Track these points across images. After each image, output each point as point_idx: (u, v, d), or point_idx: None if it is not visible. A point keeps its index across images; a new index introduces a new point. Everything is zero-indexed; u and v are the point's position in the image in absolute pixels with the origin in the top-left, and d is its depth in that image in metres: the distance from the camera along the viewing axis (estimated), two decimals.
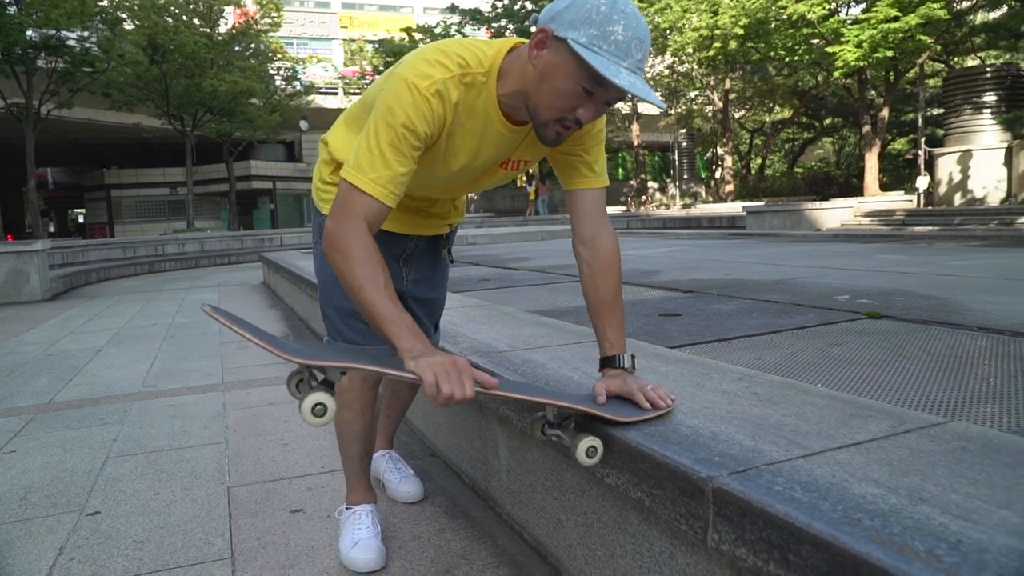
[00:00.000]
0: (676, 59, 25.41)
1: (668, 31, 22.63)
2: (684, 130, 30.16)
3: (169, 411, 3.20)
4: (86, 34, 19.12)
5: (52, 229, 36.69)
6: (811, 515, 0.87)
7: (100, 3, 19.40)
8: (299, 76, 30.67)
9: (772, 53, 20.97)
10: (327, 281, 1.66)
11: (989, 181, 13.91)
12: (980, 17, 18.66)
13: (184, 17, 23.74)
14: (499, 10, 29.32)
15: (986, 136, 14.20)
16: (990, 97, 14.33)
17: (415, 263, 1.75)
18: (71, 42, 18.74)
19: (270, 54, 28.19)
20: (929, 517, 0.85)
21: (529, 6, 28.45)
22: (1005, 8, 15.64)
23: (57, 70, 18.89)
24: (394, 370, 1.18)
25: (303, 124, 31.61)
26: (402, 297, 1.64)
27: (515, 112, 1.34)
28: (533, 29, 1.27)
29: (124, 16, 21.39)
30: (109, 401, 3.43)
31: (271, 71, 28.96)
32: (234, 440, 2.73)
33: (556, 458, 1.55)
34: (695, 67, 24.99)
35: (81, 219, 39.29)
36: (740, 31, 19.49)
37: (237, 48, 26.60)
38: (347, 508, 1.80)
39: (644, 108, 30.58)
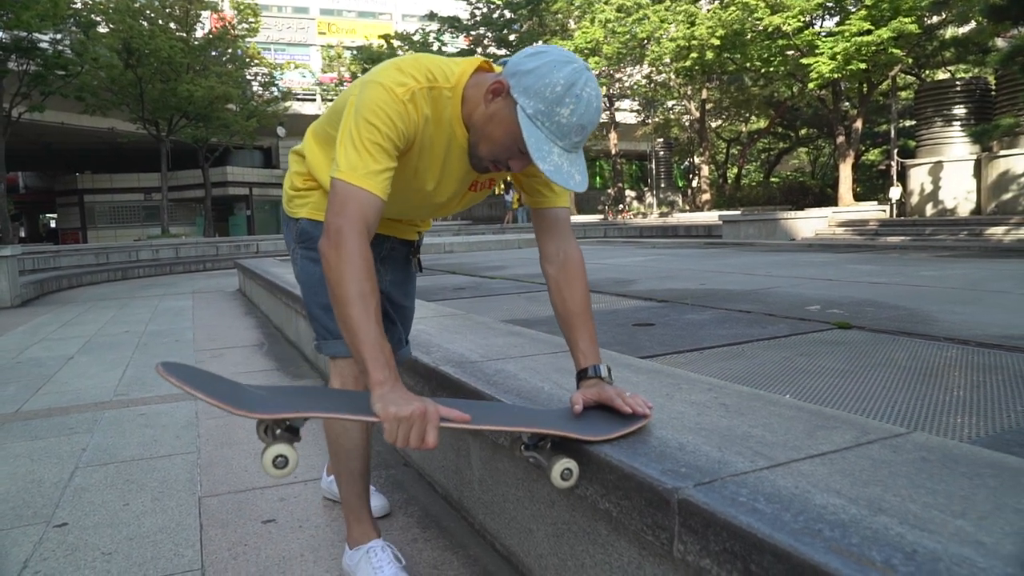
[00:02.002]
0: (654, 69, 25.64)
1: (646, 41, 22.86)
2: (661, 139, 30.39)
3: (141, 420, 3.16)
4: (59, 37, 18.88)
5: (23, 234, 35.98)
6: (773, 526, 0.88)
7: (73, 5, 19.17)
8: (276, 82, 30.48)
9: (748, 64, 21.28)
10: (309, 282, 1.65)
11: (959, 192, 14.17)
12: (950, 32, 19.04)
13: (160, 21, 23.52)
14: (477, 18, 29.41)
15: (956, 148, 14.47)
16: (960, 110, 14.60)
17: (391, 264, 1.77)
18: (43, 44, 18.49)
19: (247, 59, 28.00)
20: (887, 527, 0.86)
21: (508, 14, 28.57)
22: (973, 24, 16.00)
23: (29, 73, 18.61)
24: (356, 415, 1.18)
25: (280, 130, 31.45)
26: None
27: None
28: (501, 69, 1.33)
29: (98, 19, 21.16)
30: (79, 410, 3.38)
31: (248, 76, 28.77)
32: (206, 449, 2.71)
33: (527, 468, 1.56)
34: (672, 77, 25.24)
35: (53, 224, 38.65)
36: (717, 42, 19.77)
37: (214, 53, 26.41)
38: (355, 549, 1.63)
39: (622, 117, 30.81)
